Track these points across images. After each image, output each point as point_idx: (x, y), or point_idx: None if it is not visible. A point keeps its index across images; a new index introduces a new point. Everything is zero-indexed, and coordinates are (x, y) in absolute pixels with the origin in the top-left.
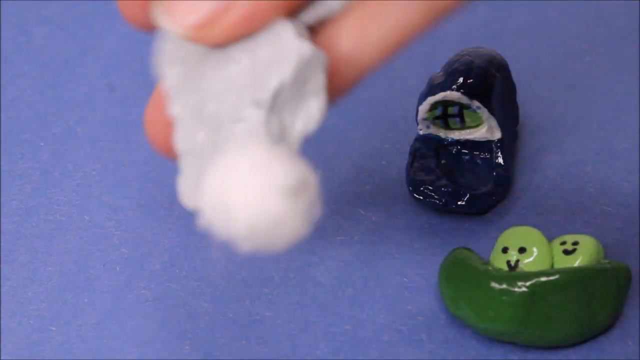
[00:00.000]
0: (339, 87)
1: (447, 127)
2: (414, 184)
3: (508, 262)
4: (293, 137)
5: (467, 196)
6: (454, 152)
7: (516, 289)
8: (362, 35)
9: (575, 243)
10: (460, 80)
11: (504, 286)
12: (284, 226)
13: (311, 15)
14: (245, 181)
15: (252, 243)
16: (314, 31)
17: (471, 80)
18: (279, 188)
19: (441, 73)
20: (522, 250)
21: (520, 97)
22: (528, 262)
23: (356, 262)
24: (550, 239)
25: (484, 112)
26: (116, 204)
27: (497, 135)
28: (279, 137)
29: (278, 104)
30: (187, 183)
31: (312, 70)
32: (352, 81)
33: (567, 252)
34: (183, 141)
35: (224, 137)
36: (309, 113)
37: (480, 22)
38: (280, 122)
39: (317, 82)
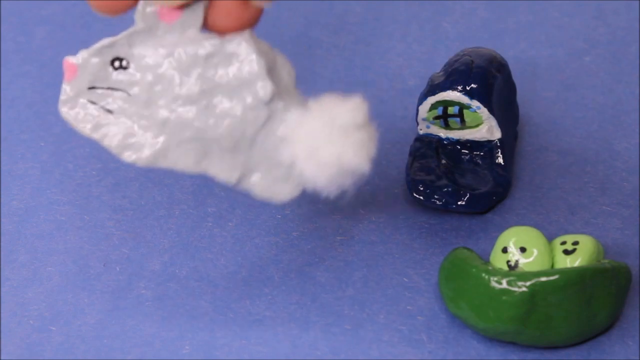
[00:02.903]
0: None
1: (447, 127)
2: (414, 184)
3: (508, 262)
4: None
5: (467, 196)
6: (454, 152)
7: (516, 289)
8: None
9: (575, 243)
10: (460, 80)
11: (504, 286)
12: (356, 155)
13: None
14: (323, 131)
15: (336, 178)
16: None
17: (471, 80)
18: (345, 127)
19: (441, 73)
20: (522, 250)
21: (520, 97)
22: (528, 262)
23: (356, 262)
24: (550, 239)
25: (483, 112)
26: (116, 204)
27: (497, 135)
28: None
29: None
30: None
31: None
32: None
33: (567, 252)
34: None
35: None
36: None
37: (480, 22)
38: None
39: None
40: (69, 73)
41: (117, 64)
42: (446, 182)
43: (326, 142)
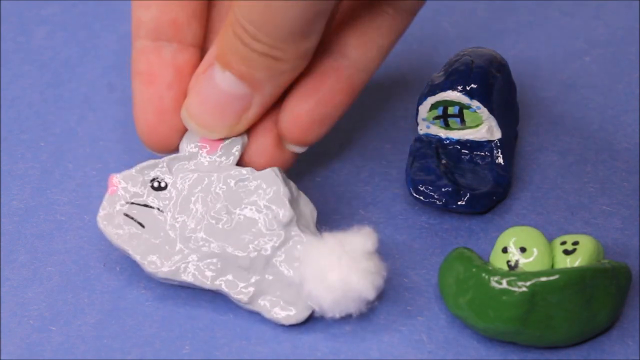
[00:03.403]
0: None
1: (447, 127)
2: (414, 184)
3: (508, 262)
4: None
5: (467, 196)
6: (454, 152)
7: (516, 289)
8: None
9: (575, 243)
10: (460, 80)
11: (504, 286)
12: (362, 282)
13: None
14: (333, 261)
15: (341, 302)
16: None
17: (471, 80)
18: (354, 254)
19: (441, 73)
20: (522, 250)
21: (520, 97)
22: (528, 262)
23: None
24: (550, 239)
25: (484, 112)
26: None
27: (497, 135)
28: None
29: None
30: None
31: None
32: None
33: (567, 252)
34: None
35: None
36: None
37: (480, 22)
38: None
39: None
40: (112, 188)
41: (155, 184)
42: (446, 182)
43: (334, 266)
